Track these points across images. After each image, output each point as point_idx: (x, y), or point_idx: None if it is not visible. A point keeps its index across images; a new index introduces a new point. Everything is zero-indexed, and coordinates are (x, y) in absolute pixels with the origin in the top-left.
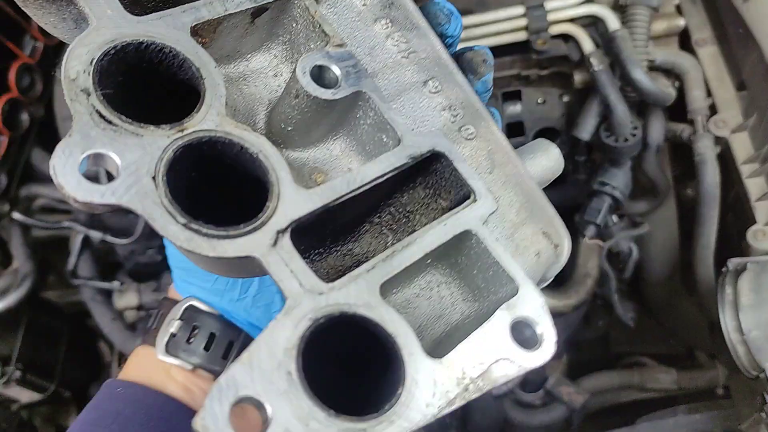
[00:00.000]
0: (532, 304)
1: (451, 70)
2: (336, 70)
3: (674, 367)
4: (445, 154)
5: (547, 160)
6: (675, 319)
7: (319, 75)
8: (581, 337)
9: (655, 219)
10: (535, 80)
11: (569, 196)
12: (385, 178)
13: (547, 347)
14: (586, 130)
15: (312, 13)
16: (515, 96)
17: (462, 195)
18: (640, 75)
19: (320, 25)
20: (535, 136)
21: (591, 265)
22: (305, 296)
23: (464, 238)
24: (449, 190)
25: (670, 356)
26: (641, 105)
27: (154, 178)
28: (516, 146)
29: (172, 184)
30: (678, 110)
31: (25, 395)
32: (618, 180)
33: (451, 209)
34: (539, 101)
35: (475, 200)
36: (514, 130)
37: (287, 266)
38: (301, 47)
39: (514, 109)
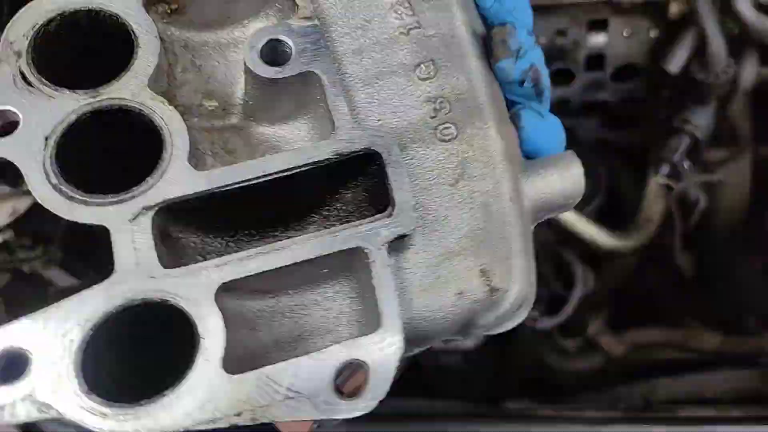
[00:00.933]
0: (379, 352)
1: (463, 51)
2: (291, 45)
3: (720, 331)
4: (381, 155)
5: (561, 180)
6: (732, 277)
7: (272, 50)
8: (628, 289)
9: (728, 171)
10: (627, 7)
11: (644, 135)
12: (293, 171)
13: (374, 398)
14: (676, 62)
15: None
16: (602, 26)
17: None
18: (744, 6)
19: None
20: (616, 73)
21: (656, 209)
22: (135, 275)
23: (358, 255)
24: (381, 196)
25: (715, 319)
26: (735, 44)
27: (47, 138)
28: (592, 81)
29: (71, 149)
30: None
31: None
32: (701, 119)
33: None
34: (625, 34)
35: (390, 215)
36: (594, 64)
37: (133, 242)
38: (289, 13)
39: (597, 40)
